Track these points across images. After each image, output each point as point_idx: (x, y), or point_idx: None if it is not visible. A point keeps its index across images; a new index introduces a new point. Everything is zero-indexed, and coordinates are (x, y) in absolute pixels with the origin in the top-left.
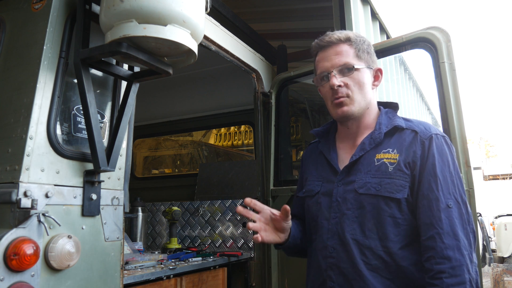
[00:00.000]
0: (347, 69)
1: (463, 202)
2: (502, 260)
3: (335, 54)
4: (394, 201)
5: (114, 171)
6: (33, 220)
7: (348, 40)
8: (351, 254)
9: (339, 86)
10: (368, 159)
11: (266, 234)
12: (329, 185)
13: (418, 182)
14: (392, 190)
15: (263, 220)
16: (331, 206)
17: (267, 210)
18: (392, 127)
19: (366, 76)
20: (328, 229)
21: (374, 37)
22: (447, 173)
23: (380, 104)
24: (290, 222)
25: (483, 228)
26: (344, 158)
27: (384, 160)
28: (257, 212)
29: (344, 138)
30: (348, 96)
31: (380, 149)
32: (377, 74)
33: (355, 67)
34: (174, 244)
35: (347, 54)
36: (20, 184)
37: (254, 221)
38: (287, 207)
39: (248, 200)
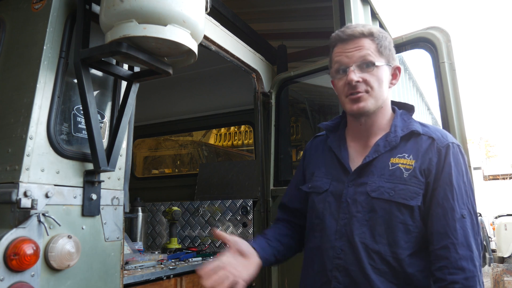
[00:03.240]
0: (366, 65)
1: (474, 212)
2: (502, 260)
3: (355, 48)
4: (407, 208)
5: (114, 171)
6: (33, 220)
7: (370, 35)
8: (359, 257)
9: (358, 81)
10: (382, 162)
11: (240, 275)
12: (339, 185)
13: (432, 190)
14: (406, 197)
15: (229, 264)
16: (341, 207)
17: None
18: (408, 131)
19: (385, 73)
20: (337, 229)
21: None
22: (462, 183)
23: (393, 104)
24: (241, 243)
25: (483, 228)
26: (355, 157)
27: (400, 165)
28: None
29: (356, 136)
30: (366, 92)
31: (395, 153)
32: (395, 73)
33: (376, 63)
34: (174, 244)
35: (368, 49)
36: (20, 184)
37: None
38: (218, 234)
39: (217, 233)
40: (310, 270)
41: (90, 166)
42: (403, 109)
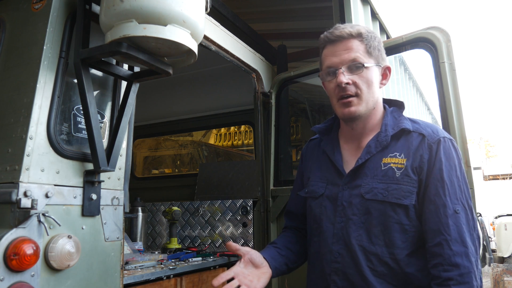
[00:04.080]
0: (356, 67)
1: (469, 207)
2: (502, 260)
3: (344, 50)
4: (401, 207)
5: (114, 171)
6: (33, 220)
7: (359, 36)
8: (356, 260)
9: (347, 84)
10: (374, 163)
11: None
12: (334, 188)
13: (424, 186)
14: (399, 196)
15: (241, 274)
16: (337, 210)
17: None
18: (399, 129)
19: (375, 74)
20: (334, 233)
21: None
22: (454, 178)
23: (384, 101)
24: (253, 253)
25: (483, 228)
26: (349, 159)
27: (391, 165)
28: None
29: (348, 138)
30: (356, 95)
31: (386, 152)
32: (385, 73)
33: (365, 65)
34: (174, 244)
35: (357, 51)
36: (20, 184)
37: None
38: (230, 244)
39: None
40: (313, 276)
41: (90, 166)
42: (393, 106)
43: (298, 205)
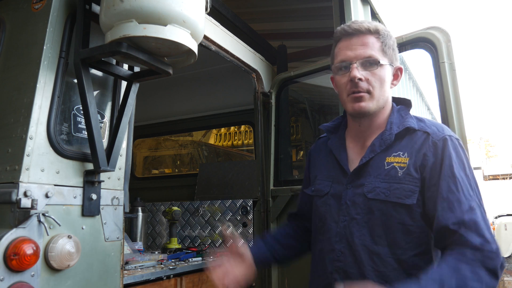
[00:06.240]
0: (370, 63)
1: (482, 206)
2: None
3: (360, 45)
4: (403, 207)
5: (114, 171)
6: (33, 220)
7: (376, 32)
8: (359, 259)
9: (360, 79)
10: (378, 162)
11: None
12: (339, 187)
13: (433, 185)
14: (401, 196)
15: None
16: (340, 209)
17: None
18: (403, 128)
19: (388, 73)
20: (337, 232)
21: None
22: (464, 176)
23: (393, 100)
24: (240, 247)
25: None
26: (354, 158)
27: (394, 164)
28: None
29: (355, 137)
30: (368, 92)
31: (390, 152)
32: (397, 73)
33: (380, 62)
34: (174, 244)
35: (372, 47)
36: (20, 184)
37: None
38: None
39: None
40: (315, 274)
41: (90, 166)
42: (401, 104)
43: (303, 205)
